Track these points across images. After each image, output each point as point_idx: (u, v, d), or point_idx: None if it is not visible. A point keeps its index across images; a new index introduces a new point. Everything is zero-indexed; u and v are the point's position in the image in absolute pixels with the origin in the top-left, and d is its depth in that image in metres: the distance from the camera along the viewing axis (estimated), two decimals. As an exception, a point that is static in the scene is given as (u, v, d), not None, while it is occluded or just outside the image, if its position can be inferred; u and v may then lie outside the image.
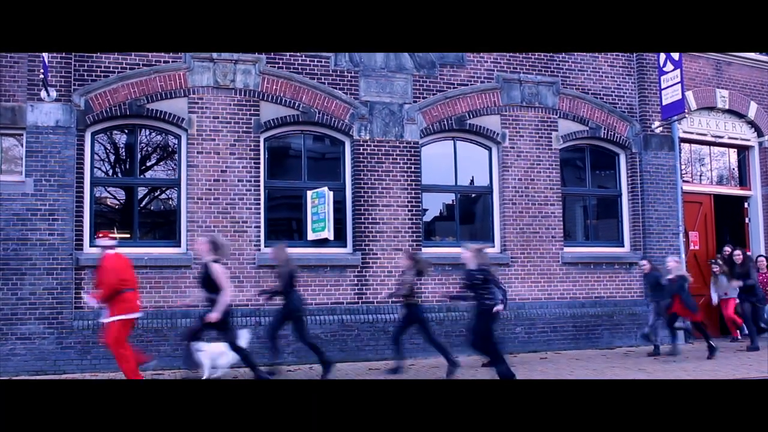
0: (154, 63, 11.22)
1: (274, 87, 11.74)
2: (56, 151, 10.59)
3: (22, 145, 10.62)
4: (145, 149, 11.71)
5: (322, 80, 12.01)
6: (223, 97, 11.50)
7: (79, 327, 10.36)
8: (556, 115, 13.33)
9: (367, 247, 11.87)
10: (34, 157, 10.52)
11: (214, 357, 9.12)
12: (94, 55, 10.93)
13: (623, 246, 13.78)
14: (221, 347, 9.02)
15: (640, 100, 13.96)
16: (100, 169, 11.34)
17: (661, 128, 13.82)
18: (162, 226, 11.73)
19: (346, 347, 11.32)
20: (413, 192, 12.25)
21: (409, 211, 12.18)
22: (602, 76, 13.80)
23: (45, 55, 10.40)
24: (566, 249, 13.12)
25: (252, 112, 11.58)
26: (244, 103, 11.57)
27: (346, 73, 12.16)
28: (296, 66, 11.87)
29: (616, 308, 13.22)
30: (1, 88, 10.58)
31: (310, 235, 11.75)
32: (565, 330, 12.79)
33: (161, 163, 11.79)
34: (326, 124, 12.02)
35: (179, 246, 11.22)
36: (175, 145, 11.54)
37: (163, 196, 11.80)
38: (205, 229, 11.12)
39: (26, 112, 10.59)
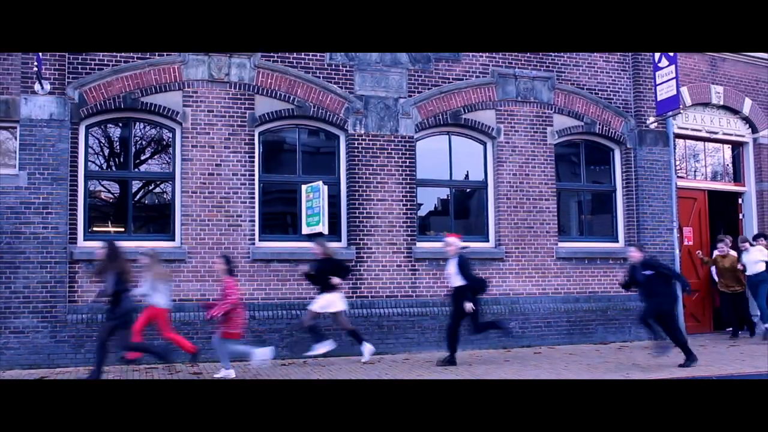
0: (148, 56, 11.17)
1: (269, 81, 11.71)
2: (50, 144, 10.55)
3: (15, 138, 10.58)
4: (139, 143, 11.67)
5: (317, 74, 11.98)
6: (217, 90, 11.47)
7: (73, 321, 10.34)
8: (551, 110, 13.33)
9: (361, 242, 11.86)
10: (28, 150, 10.48)
11: None
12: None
13: (617, 241, 13.80)
14: None
15: (635, 95, 13.97)
16: (94, 162, 11.30)
17: (655, 124, 13.84)
18: (156, 219, 11.71)
19: (341, 341, 11.26)
20: (408, 186, 12.24)
21: (403, 205, 12.17)
22: (597, 72, 13.81)
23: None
24: (560, 244, 13.13)
25: (247, 105, 11.55)
26: (238, 96, 11.54)
27: (341, 68, 12.14)
28: (291, 60, 11.84)
29: (610, 303, 13.23)
30: (-7, 81, 10.55)
31: (305, 230, 11.73)
32: (559, 325, 12.81)
33: (156, 156, 11.75)
34: (321, 119, 11.99)
35: (173, 240, 11.20)
36: (170, 139, 11.51)
37: (158, 189, 11.77)
38: (200, 223, 11.12)
39: (20, 104, 10.55)
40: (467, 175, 13.08)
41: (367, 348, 10.81)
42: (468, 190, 13.26)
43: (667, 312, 10.17)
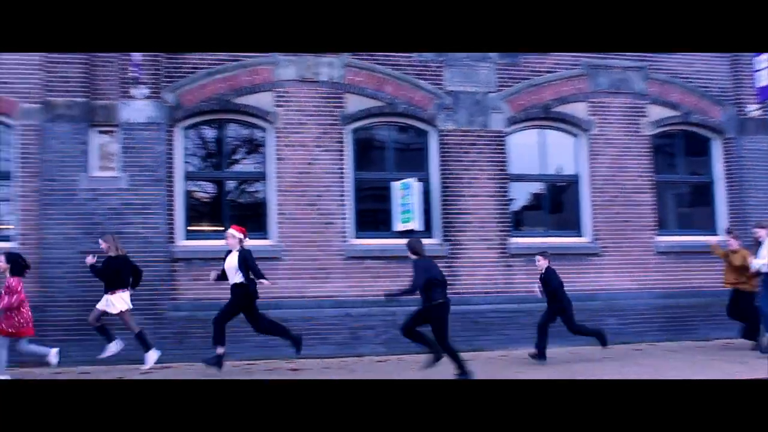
0: (240, 59, 11.35)
1: (358, 79, 11.75)
2: (148, 146, 10.83)
3: (116, 142, 10.87)
4: (232, 143, 11.87)
5: (406, 71, 11.95)
6: (307, 89, 11.56)
7: (175, 318, 10.57)
8: (646, 100, 12.94)
9: (454, 238, 11.76)
10: (128, 153, 10.80)
11: None
12: (183, 52, 11.10)
13: (718, 234, 13.28)
14: None
15: (734, 83, 13.43)
16: (190, 163, 11.52)
17: (757, 111, 13.27)
18: (250, 218, 11.81)
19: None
20: (500, 182, 12.08)
21: (496, 201, 12.01)
22: (693, 60, 13.32)
23: (134, 53, 10.65)
24: (659, 238, 12.72)
25: (337, 104, 11.61)
26: (328, 95, 11.61)
27: (429, 64, 12.07)
28: (379, 57, 11.83)
29: (712, 299, 12.68)
30: (95, 87, 10.87)
31: (398, 226, 11.71)
32: (659, 321, 12.40)
33: (249, 156, 11.93)
34: (411, 115, 11.97)
35: (268, 238, 11.33)
36: (262, 139, 11.66)
37: (251, 188, 11.91)
38: (294, 221, 11.22)
39: (119, 109, 10.86)
40: (560, 169, 12.82)
41: (151, 357, 9.83)
42: (561, 184, 12.97)
43: (432, 318, 8.55)
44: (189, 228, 11.27)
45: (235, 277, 9.20)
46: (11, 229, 10.73)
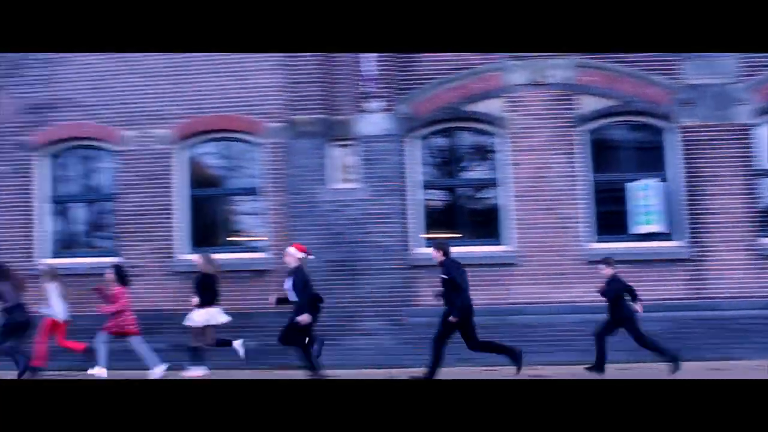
0: (469, 66, 11.45)
1: (589, 79, 11.44)
2: (385, 157, 11.24)
3: (354, 155, 11.36)
4: (464, 150, 12.02)
5: (639, 67, 11.46)
6: (537, 93, 11.44)
7: (415, 323, 10.80)
8: None
9: (699, 239, 11.08)
10: (366, 164, 11.28)
11: None
12: (414, 64, 11.44)
13: None
14: None
15: None
16: (423, 172, 11.76)
17: None
18: (484, 224, 11.86)
19: (683, 345, 10.59)
20: (748, 178, 11.23)
21: (744, 198, 11.17)
22: None
23: (368, 68, 11.09)
24: None
25: (568, 105, 11.37)
26: (558, 97, 11.41)
27: (663, 58, 11.49)
28: (610, 56, 11.44)
29: None
30: (333, 103, 11.45)
31: (638, 229, 11.23)
32: None
33: (480, 163, 12.00)
34: (647, 112, 11.46)
35: (503, 244, 11.32)
36: (494, 145, 11.67)
37: (483, 195, 11.96)
38: (529, 227, 11.12)
39: (355, 123, 11.36)
40: (818, 162, 11.70)
41: (195, 372, 10.14)
42: (820, 178, 11.82)
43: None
44: (425, 235, 11.49)
45: (293, 297, 9.02)
46: (264, 241, 11.52)
